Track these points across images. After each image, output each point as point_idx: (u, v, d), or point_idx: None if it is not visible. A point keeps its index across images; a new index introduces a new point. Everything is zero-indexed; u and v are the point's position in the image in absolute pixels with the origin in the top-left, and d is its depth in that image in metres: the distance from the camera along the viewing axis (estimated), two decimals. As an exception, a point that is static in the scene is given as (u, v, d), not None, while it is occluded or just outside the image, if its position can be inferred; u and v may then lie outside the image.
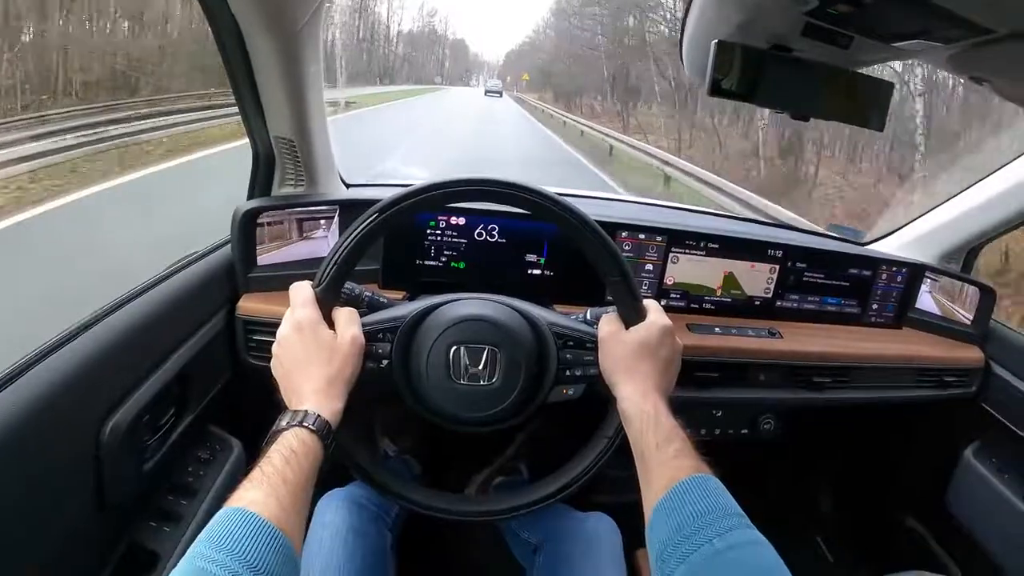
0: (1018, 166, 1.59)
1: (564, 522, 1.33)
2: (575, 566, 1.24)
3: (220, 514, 0.74)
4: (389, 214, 1.02)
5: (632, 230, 1.58)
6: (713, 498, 0.84)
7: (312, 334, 0.98)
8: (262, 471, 0.81)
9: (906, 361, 1.67)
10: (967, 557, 1.75)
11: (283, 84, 1.27)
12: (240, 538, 0.70)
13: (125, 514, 1.11)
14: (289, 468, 0.82)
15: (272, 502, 0.76)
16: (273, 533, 0.73)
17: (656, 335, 1.05)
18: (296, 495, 0.81)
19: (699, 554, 0.76)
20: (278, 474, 0.80)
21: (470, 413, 1.07)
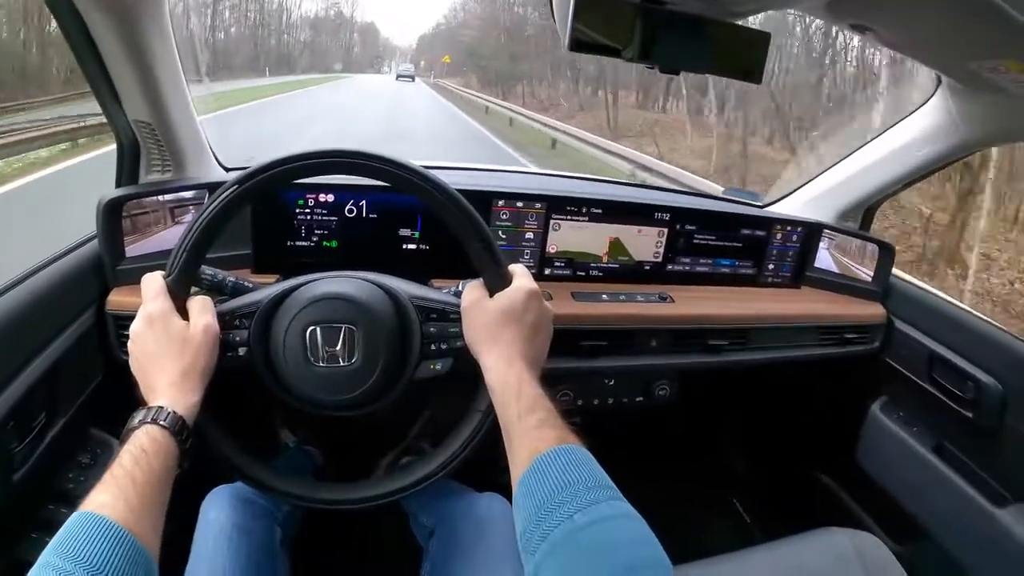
0: (910, 123, 1.60)
1: (457, 505, 1.30)
2: (467, 548, 1.21)
3: (69, 520, 0.72)
4: (240, 190, 0.96)
5: (508, 198, 1.54)
6: (577, 469, 0.80)
7: (163, 326, 0.93)
8: (112, 473, 0.78)
9: (806, 320, 1.67)
10: (880, 509, 1.78)
11: (131, 64, 1.19)
12: (85, 543, 0.68)
13: (3, 528, 1.06)
14: (139, 468, 0.79)
15: (120, 504, 0.74)
16: (120, 535, 0.70)
17: (520, 300, 1.01)
18: (147, 495, 0.77)
19: (560, 530, 0.73)
20: (127, 475, 0.77)
21: (333, 396, 1.03)
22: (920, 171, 1.64)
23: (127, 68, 1.20)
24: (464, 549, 1.21)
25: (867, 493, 1.81)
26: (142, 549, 0.72)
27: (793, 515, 1.95)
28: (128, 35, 1.14)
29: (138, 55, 1.18)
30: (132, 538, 0.71)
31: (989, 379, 1.46)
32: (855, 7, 0.97)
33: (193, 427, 0.90)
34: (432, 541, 1.29)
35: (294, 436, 1.88)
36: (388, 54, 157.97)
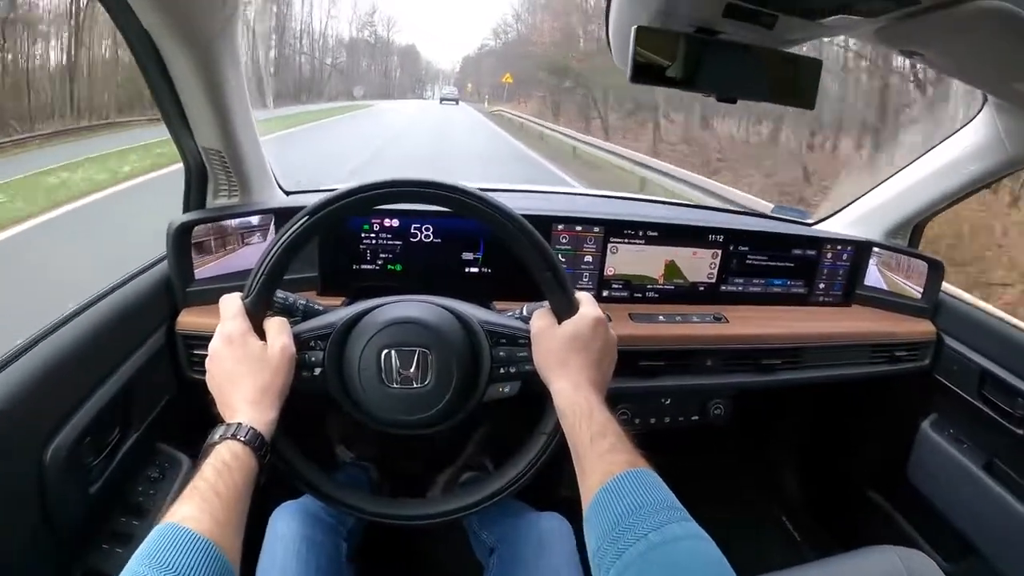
0: (957, 140, 1.59)
1: (518, 523, 1.32)
2: (528, 566, 1.23)
3: (154, 531, 0.74)
4: (315, 219, 1.00)
5: (568, 222, 1.56)
6: (648, 492, 0.82)
7: (242, 346, 0.97)
8: (195, 486, 0.80)
9: (857, 338, 1.67)
10: (931, 527, 1.77)
11: (204, 94, 1.24)
12: (173, 554, 0.70)
13: (77, 538, 1.09)
14: (221, 481, 0.81)
15: (205, 516, 0.76)
16: (206, 547, 0.72)
17: (588, 327, 1.04)
18: (230, 507, 0.80)
19: (634, 549, 0.75)
20: (210, 488, 0.80)
21: (406, 416, 1.06)
22: (967, 188, 1.63)
23: (200, 98, 1.24)
24: (525, 567, 1.23)
25: (917, 511, 1.80)
26: (226, 561, 0.74)
27: (843, 533, 1.95)
28: (203, 67, 1.18)
29: (211, 86, 1.22)
30: (217, 549, 0.73)
31: None
32: (906, 33, 0.99)
33: (270, 443, 0.93)
34: (493, 558, 1.31)
35: (350, 452, 1.91)
36: (430, 78, 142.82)
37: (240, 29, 1.24)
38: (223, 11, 1.14)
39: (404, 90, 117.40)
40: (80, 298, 1.23)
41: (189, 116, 1.30)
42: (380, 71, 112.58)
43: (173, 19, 1.09)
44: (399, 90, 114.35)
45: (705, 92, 1.10)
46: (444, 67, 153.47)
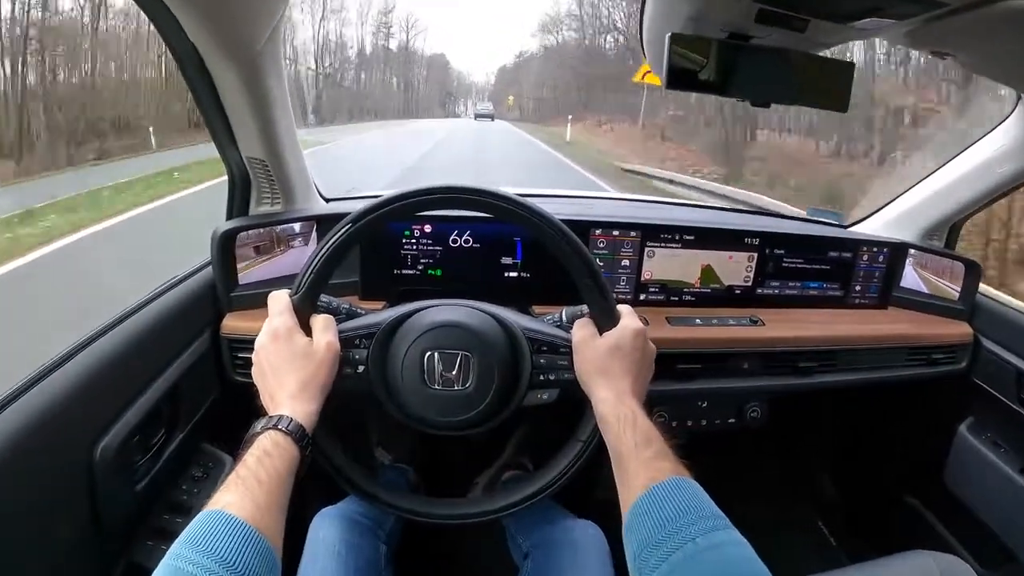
0: (993, 138, 1.59)
1: (554, 529, 1.33)
2: (562, 573, 1.25)
3: (198, 517, 0.76)
4: (360, 224, 1.03)
5: (605, 227, 1.58)
6: (692, 499, 0.84)
7: (288, 340, 0.99)
8: (237, 474, 0.82)
9: (893, 341, 1.66)
10: (968, 532, 1.75)
11: (249, 106, 1.28)
12: (217, 538, 0.72)
13: (121, 534, 1.12)
14: (263, 468, 0.83)
15: (247, 503, 0.78)
16: (249, 532, 0.75)
17: (629, 339, 1.05)
18: (272, 494, 0.82)
19: (682, 552, 0.76)
20: (252, 475, 0.82)
21: (445, 417, 1.08)
22: (1003, 187, 1.62)
23: (246, 110, 1.28)
24: (559, 573, 1.24)
25: (954, 515, 1.79)
26: (268, 546, 0.76)
27: (879, 537, 1.94)
28: (249, 80, 1.22)
29: (256, 99, 1.26)
30: (259, 535, 0.75)
31: None
32: (936, 35, 0.99)
33: (312, 438, 0.95)
34: (527, 562, 1.32)
35: (388, 454, 1.93)
36: (462, 91, 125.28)
37: (283, 41, 1.28)
38: (268, 25, 1.17)
39: (431, 104, 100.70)
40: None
41: (234, 127, 1.34)
42: (402, 83, 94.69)
43: (220, 35, 1.13)
44: (424, 104, 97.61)
45: (739, 97, 1.12)
46: (477, 79, 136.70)
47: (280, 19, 1.20)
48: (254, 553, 0.73)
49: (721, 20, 1.04)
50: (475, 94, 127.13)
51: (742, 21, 1.02)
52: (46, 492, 0.94)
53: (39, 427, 0.93)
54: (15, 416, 0.91)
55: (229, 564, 0.70)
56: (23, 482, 0.89)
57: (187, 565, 0.69)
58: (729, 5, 0.99)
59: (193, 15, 1.07)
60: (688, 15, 1.04)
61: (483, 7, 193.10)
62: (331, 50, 76.61)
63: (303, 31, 70.79)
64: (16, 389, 0.95)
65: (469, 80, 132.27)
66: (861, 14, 0.96)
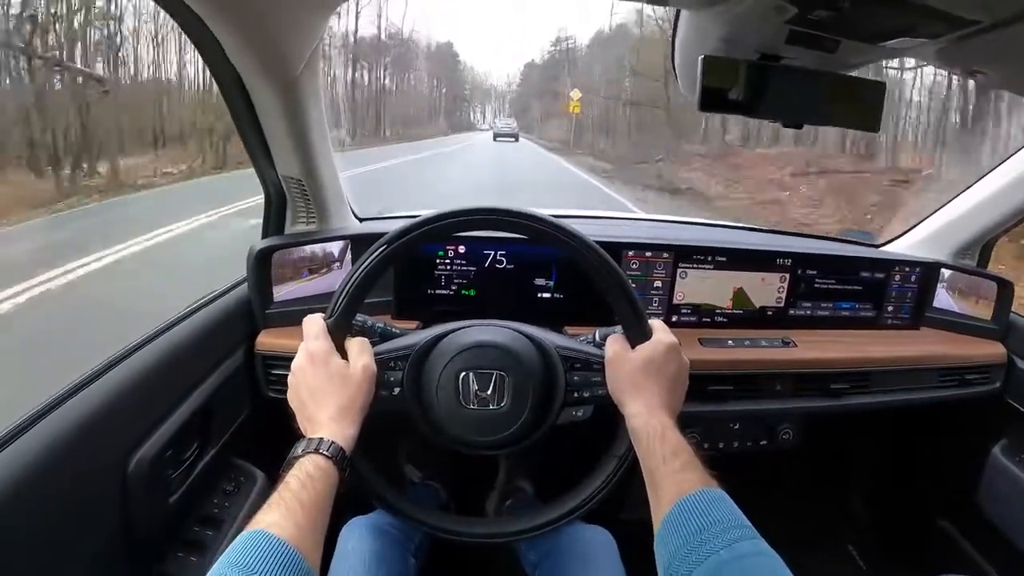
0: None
1: (561, 537, 1.32)
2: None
3: (240, 537, 0.77)
4: (396, 246, 1.04)
5: (638, 248, 1.58)
6: (719, 510, 0.85)
7: (325, 364, 1.00)
8: (280, 495, 0.83)
9: (926, 362, 1.65)
10: (1002, 557, 1.72)
11: (287, 127, 1.30)
12: (259, 558, 0.73)
13: (153, 546, 1.13)
14: (305, 491, 0.84)
15: (289, 524, 0.79)
16: (290, 553, 0.76)
17: (662, 353, 1.05)
18: (313, 517, 0.83)
19: (706, 565, 0.77)
20: (295, 498, 0.83)
21: (481, 437, 1.09)
22: (1036, 205, 1.60)
23: (283, 131, 1.31)
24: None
25: (988, 539, 1.76)
26: (308, 566, 0.77)
27: (911, 561, 1.92)
28: (287, 103, 1.25)
29: (294, 120, 1.29)
30: (300, 556, 0.76)
31: None
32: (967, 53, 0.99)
33: (351, 459, 0.96)
34: (538, 572, 1.32)
35: (419, 472, 1.93)
36: (479, 96, 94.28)
37: (320, 66, 1.30)
38: (307, 48, 1.20)
39: (435, 115, 71.47)
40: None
41: (271, 146, 1.37)
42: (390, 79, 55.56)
43: (261, 59, 1.16)
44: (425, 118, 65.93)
45: (771, 118, 1.13)
46: (497, 82, 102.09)
47: (319, 43, 1.23)
48: (295, 573, 0.75)
49: (753, 42, 1.05)
50: (494, 99, 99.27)
51: (773, 42, 1.03)
52: (80, 501, 0.95)
53: (76, 437, 0.95)
54: (53, 425, 0.93)
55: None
56: (57, 490, 0.91)
57: None
58: (760, 27, 0.99)
59: (236, 40, 1.10)
60: (720, 36, 1.05)
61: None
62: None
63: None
64: (55, 399, 0.97)
65: (487, 83, 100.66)
66: (892, 34, 0.96)
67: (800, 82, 1.08)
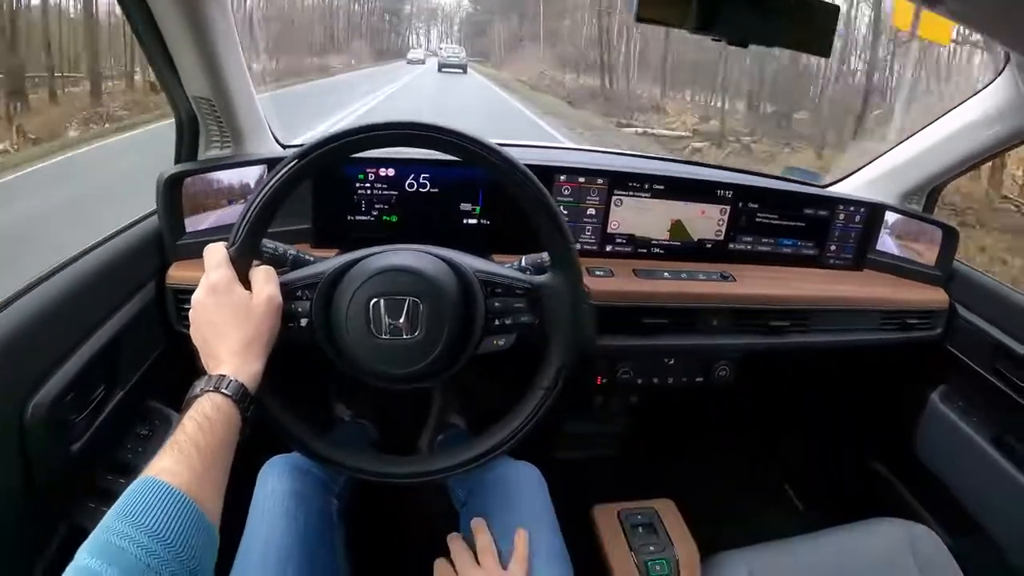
0: (977, 102, 1.55)
1: (489, 473, 1.29)
2: (497, 517, 1.21)
3: (131, 486, 0.73)
4: (305, 162, 0.97)
5: (571, 173, 1.53)
6: None
7: (226, 296, 0.94)
8: (175, 440, 0.79)
9: (868, 304, 1.63)
10: (936, 501, 1.74)
11: (192, 41, 1.21)
12: (148, 509, 0.70)
13: (60, 496, 1.07)
14: (202, 434, 0.80)
15: (183, 470, 0.75)
16: (183, 501, 0.72)
17: None
18: (211, 461, 0.79)
19: None
20: (190, 441, 0.78)
21: (396, 369, 1.04)
22: (987, 151, 1.59)
23: (188, 45, 1.22)
24: (493, 516, 1.21)
25: (923, 484, 1.78)
26: (204, 516, 0.73)
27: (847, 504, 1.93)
28: (190, 11, 1.15)
29: (199, 31, 1.19)
30: (195, 505, 0.72)
31: None
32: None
33: (255, 397, 0.91)
34: (465, 509, 1.29)
35: (349, 410, 1.89)
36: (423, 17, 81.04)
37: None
38: None
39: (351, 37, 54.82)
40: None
41: (178, 64, 1.27)
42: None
43: None
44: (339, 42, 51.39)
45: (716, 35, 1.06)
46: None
47: None
48: (190, 525, 0.71)
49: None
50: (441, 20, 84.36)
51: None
52: None
53: None
54: None
55: (162, 538, 0.68)
56: None
57: (117, 539, 0.67)
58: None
59: None
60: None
61: None
62: None
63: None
64: None
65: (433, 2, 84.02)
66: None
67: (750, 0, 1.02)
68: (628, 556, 1.44)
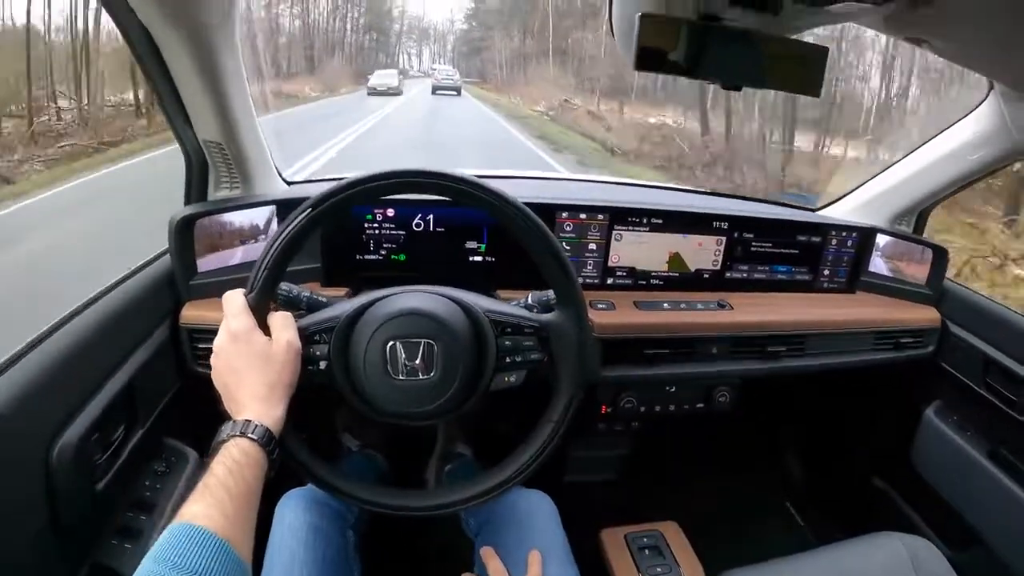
0: (963, 127, 1.59)
1: (501, 503, 1.32)
2: (509, 547, 1.24)
3: (166, 531, 0.74)
4: (318, 211, 1.00)
5: (572, 211, 1.56)
6: None
7: (247, 343, 0.96)
8: (206, 484, 0.81)
9: (861, 325, 1.66)
10: (935, 515, 1.77)
11: (202, 86, 1.23)
12: (186, 552, 0.71)
13: (84, 535, 1.09)
14: (232, 479, 0.82)
15: (216, 513, 0.76)
16: (219, 545, 0.73)
17: None
18: (241, 505, 0.81)
19: None
20: (221, 486, 0.80)
21: (413, 408, 1.06)
22: (973, 175, 1.62)
23: (198, 90, 1.23)
24: (506, 545, 1.24)
25: (922, 498, 1.81)
26: (238, 558, 0.75)
27: (847, 519, 1.96)
28: (199, 54, 1.17)
29: (210, 76, 1.21)
30: (229, 547, 0.74)
31: None
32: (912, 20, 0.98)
33: (279, 439, 0.93)
34: (479, 539, 1.32)
35: (356, 440, 1.91)
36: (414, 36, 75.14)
37: (238, 19, 1.23)
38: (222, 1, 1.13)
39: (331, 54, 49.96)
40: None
41: (188, 108, 1.29)
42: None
43: (171, 10, 1.08)
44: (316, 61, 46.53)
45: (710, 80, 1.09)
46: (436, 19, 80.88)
47: None
48: (222, 565, 0.72)
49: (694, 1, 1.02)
50: (433, 40, 77.47)
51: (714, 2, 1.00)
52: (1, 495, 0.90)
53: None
54: None
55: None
56: None
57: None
58: (702, -15, 0.96)
59: None
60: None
61: None
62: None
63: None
64: None
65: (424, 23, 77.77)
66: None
67: (740, 43, 1.05)
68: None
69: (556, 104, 27.10)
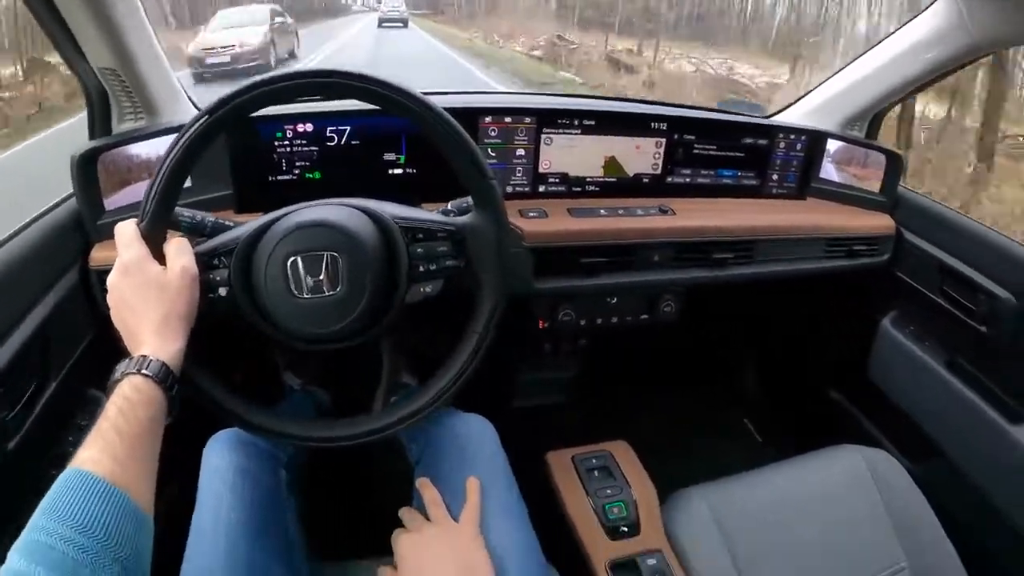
0: (918, 25, 1.53)
1: (440, 430, 1.28)
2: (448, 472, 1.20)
3: (57, 480, 0.72)
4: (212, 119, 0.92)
5: (496, 114, 1.49)
6: None
7: (139, 273, 0.90)
8: (98, 427, 0.77)
9: (812, 232, 1.62)
10: (893, 425, 1.76)
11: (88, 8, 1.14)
12: (71, 502, 0.68)
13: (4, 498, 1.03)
14: (124, 419, 0.78)
15: (106, 458, 0.73)
16: (107, 490, 0.70)
17: None
18: (134, 446, 0.77)
19: None
20: (112, 427, 0.77)
21: (321, 328, 1.00)
22: (928, 75, 1.57)
23: (85, 13, 1.14)
24: (445, 473, 1.20)
25: (879, 409, 1.79)
26: (132, 502, 0.72)
27: (806, 433, 1.97)
28: None
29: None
30: (120, 492, 0.71)
31: (1002, 292, 1.43)
32: None
33: (181, 374, 0.88)
34: (419, 467, 1.28)
35: (298, 379, 1.86)
36: None
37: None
38: None
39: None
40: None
41: (78, 36, 1.20)
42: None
43: None
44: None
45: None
46: None
47: None
48: (113, 512, 0.69)
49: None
50: None
51: None
52: None
53: None
54: None
55: (87, 530, 0.67)
56: None
57: (43, 536, 0.66)
58: None
59: None
60: None
61: None
62: None
63: None
64: None
65: None
66: None
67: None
68: (585, 501, 1.42)
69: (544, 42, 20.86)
